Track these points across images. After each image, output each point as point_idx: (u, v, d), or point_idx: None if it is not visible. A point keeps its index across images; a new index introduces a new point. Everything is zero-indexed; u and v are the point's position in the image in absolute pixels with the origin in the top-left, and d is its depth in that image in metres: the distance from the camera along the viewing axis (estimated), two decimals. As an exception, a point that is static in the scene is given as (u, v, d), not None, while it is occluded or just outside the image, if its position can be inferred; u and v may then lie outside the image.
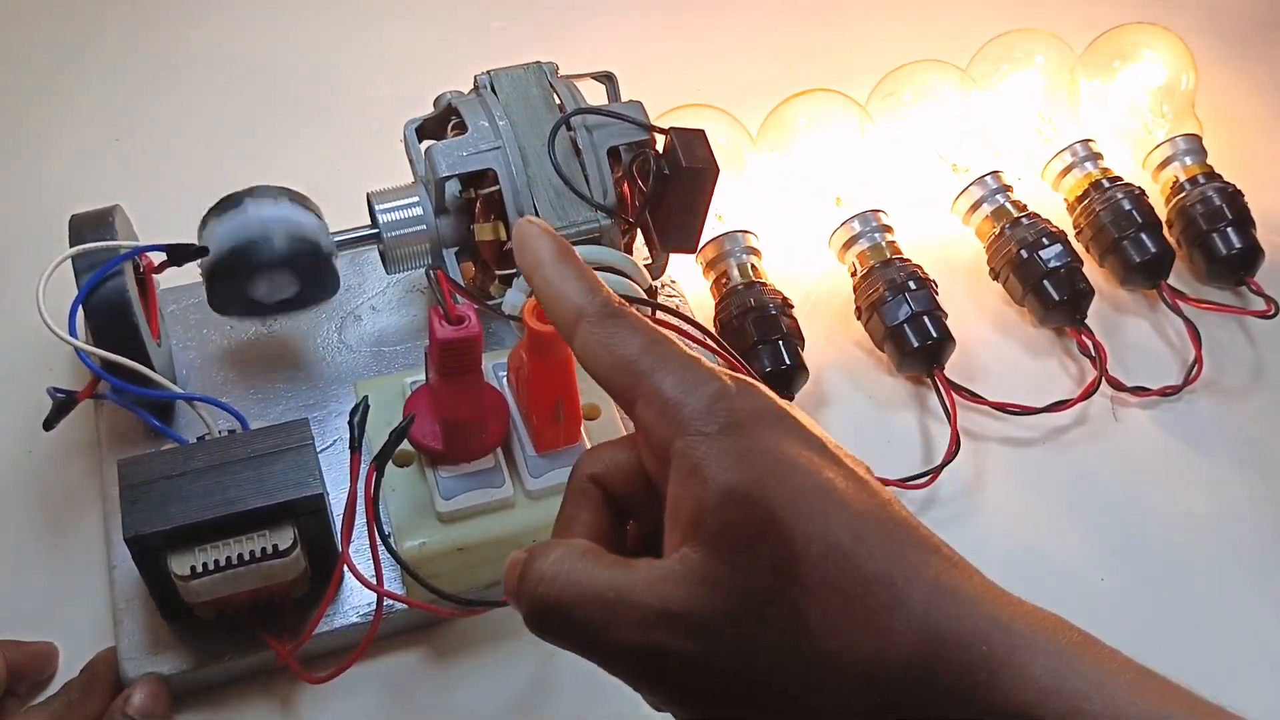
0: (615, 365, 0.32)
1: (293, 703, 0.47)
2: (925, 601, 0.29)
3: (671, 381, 0.31)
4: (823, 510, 0.30)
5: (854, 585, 0.29)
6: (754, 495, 0.29)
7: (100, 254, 0.47)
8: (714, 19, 0.79)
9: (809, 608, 0.29)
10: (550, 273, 0.34)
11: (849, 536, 0.29)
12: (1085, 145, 0.65)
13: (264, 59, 0.74)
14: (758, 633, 0.29)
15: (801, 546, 0.29)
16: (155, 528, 0.42)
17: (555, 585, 0.31)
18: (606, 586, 0.31)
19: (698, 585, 0.29)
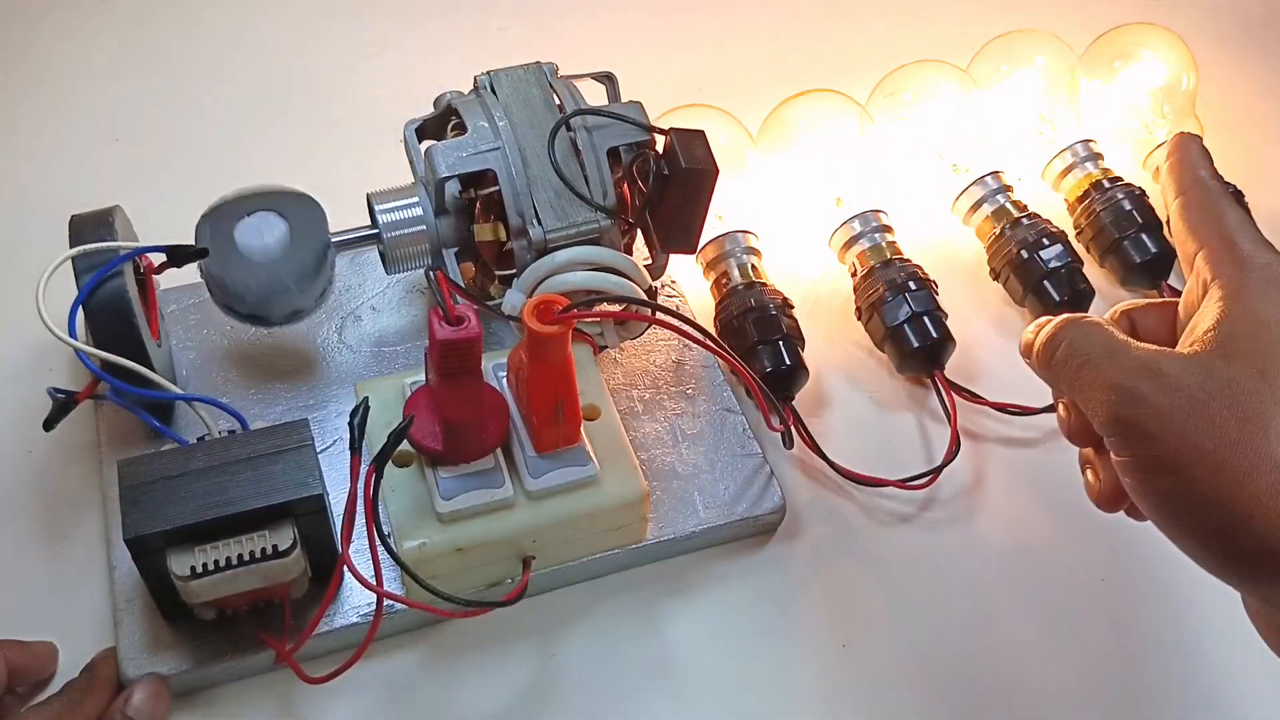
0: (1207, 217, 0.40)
1: (292, 703, 0.47)
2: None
3: (1247, 238, 0.39)
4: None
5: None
6: (1265, 320, 0.36)
7: (100, 255, 0.47)
8: (714, 19, 0.79)
9: (1276, 415, 0.34)
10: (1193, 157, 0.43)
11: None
12: (1086, 145, 0.65)
13: (264, 59, 0.74)
14: (1226, 414, 0.34)
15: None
16: (155, 528, 0.42)
17: (1077, 324, 0.39)
18: (1113, 340, 0.38)
19: (1190, 363, 0.36)
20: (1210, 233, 0.40)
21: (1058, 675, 0.50)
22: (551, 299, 0.44)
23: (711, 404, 0.56)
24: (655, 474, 0.52)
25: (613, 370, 0.56)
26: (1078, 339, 0.38)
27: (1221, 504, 0.34)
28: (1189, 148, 0.43)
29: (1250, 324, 0.36)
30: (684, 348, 0.58)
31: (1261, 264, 0.38)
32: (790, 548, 0.53)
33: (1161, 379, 0.35)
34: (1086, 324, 0.39)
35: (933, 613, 0.51)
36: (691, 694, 0.48)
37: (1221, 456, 0.34)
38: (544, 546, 0.48)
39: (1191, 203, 0.41)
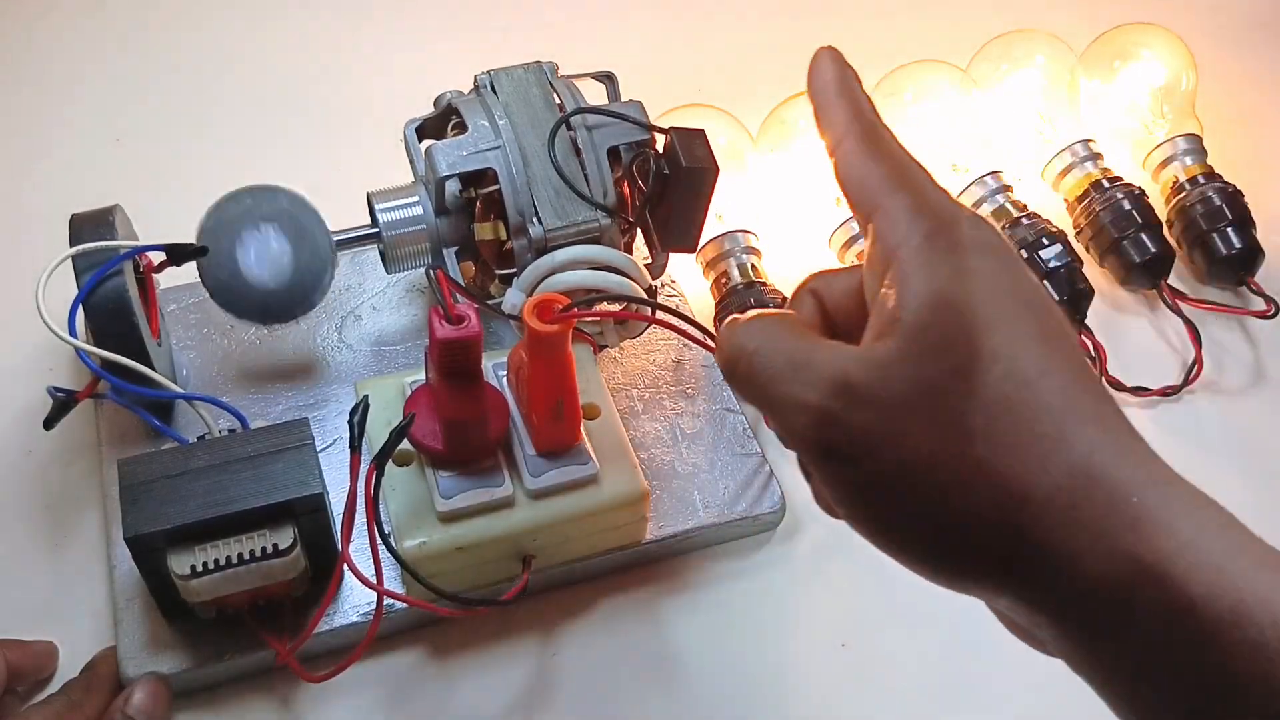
0: (862, 180, 0.34)
1: (293, 702, 0.47)
2: (1089, 443, 0.30)
3: (913, 199, 0.33)
4: (1018, 337, 0.31)
5: (1025, 409, 0.30)
6: (958, 305, 0.31)
7: (100, 254, 0.47)
8: (714, 19, 0.79)
9: (976, 414, 0.30)
10: (829, 92, 0.36)
11: (1035, 367, 0.31)
12: (1085, 145, 0.65)
13: (264, 59, 0.74)
14: (923, 423, 0.31)
15: (988, 360, 0.31)
16: (155, 527, 0.42)
17: (752, 335, 0.34)
18: (796, 348, 0.33)
19: (880, 368, 0.31)
20: (882, 186, 0.34)
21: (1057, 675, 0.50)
22: (551, 298, 0.44)
23: (711, 403, 0.56)
24: (655, 473, 0.52)
25: (613, 369, 0.56)
26: (760, 350, 0.34)
27: (930, 519, 0.31)
28: (830, 73, 0.37)
29: (940, 311, 0.31)
30: (684, 347, 0.58)
31: (944, 225, 0.33)
32: (790, 547, 0.53)
33: (851, 394, 0.31)
34: (766, 327, 0.34)
35: (931, 612, 0.51)
36: (691, 694, 0.48)
37: (923, 471, 0.31)
38: (544, 546, 0.48)
39: (853, 149, 0.35)
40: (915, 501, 0.31)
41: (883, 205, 0.33)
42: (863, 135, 0.35)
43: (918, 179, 0.34)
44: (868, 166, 0.34)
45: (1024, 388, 0.31)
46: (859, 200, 0.35)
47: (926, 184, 0.34)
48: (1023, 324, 0.31)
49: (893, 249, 0.33)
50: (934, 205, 0.33)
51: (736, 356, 0.34)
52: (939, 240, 0.32)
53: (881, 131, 0.35)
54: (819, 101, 0.37)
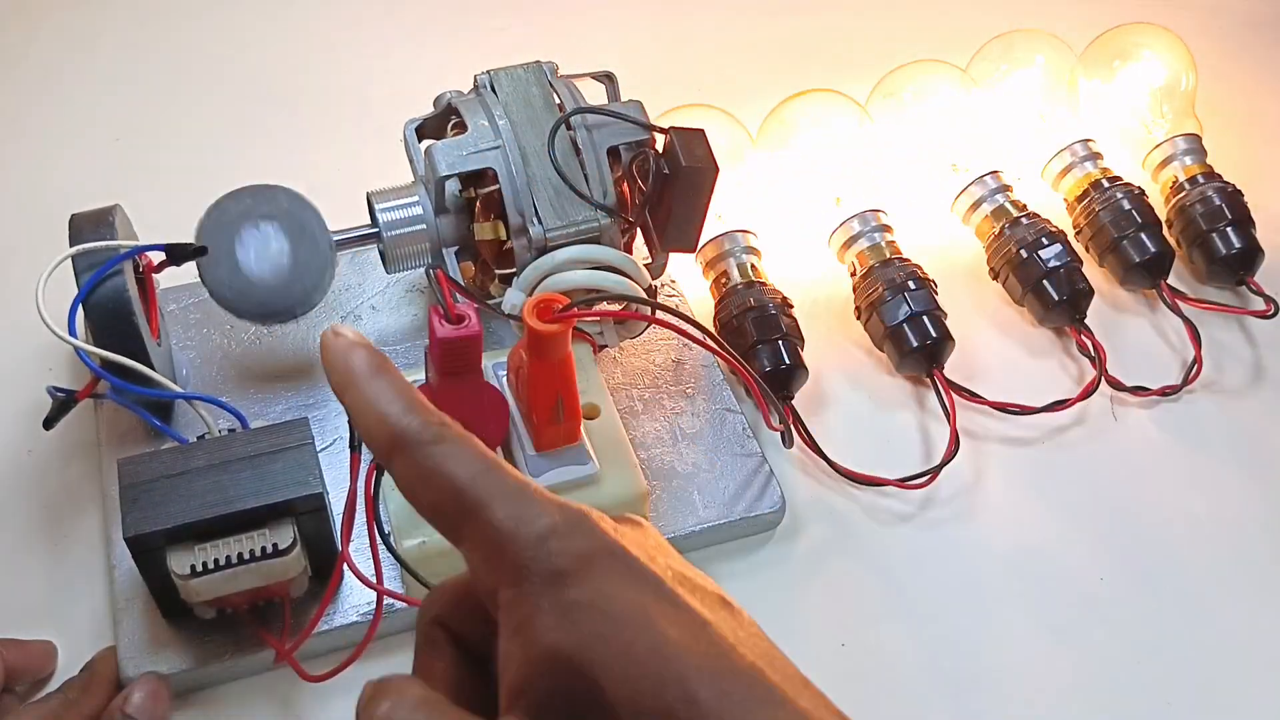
0: (434, 509, 0.29)
1: (292, 701, 0.47)
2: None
3: (496, 521, 0.28)
4: (653, 671, 0.27)
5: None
6: (576, 660, 0.27)
7: (100, 253, 0.47)
8: (714, 19, 0.79)
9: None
10: (354, 401, 0.31)
11: (681, 698, 0.26)
12: (1085, 145, 0.65)
13: (264, 59, 0.74)
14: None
15: (629, 715, 0.26)
16: (155, 527, 0.42)
17: (383, 692, 0.30)
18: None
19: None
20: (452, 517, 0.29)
21: (1057, 675, 0.50)
22: (551, 298, 0.44)
23: (711, 403, 0.56)
24: (655, 473, 0.52)
25: (613, 369, 0.56)
26: None
27: None
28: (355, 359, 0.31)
29: (555, 675, 0.27)
30: (684, 347, 0.57)
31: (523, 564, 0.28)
32: (790, 547, 0.53)
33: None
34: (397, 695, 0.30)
35: (932, 612, 0.51)
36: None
37: None
38: (544, 545, 0.48)
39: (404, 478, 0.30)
40: None
41: (466, 537, 0.29)
42: (418, 440, 0.30)
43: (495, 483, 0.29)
44: (431, 490, 0.29)
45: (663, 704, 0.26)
46: (442, 529, 0.30)
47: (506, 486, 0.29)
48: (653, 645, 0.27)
49: (492, 591, 0.29)
50: (518, 520, 0.28)
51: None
52: (535, 572, 0.28)
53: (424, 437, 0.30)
54: (348, 400, 0.31)
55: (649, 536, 0.31)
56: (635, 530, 0.31)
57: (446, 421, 0.30)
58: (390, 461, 0.30)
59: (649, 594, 0.28)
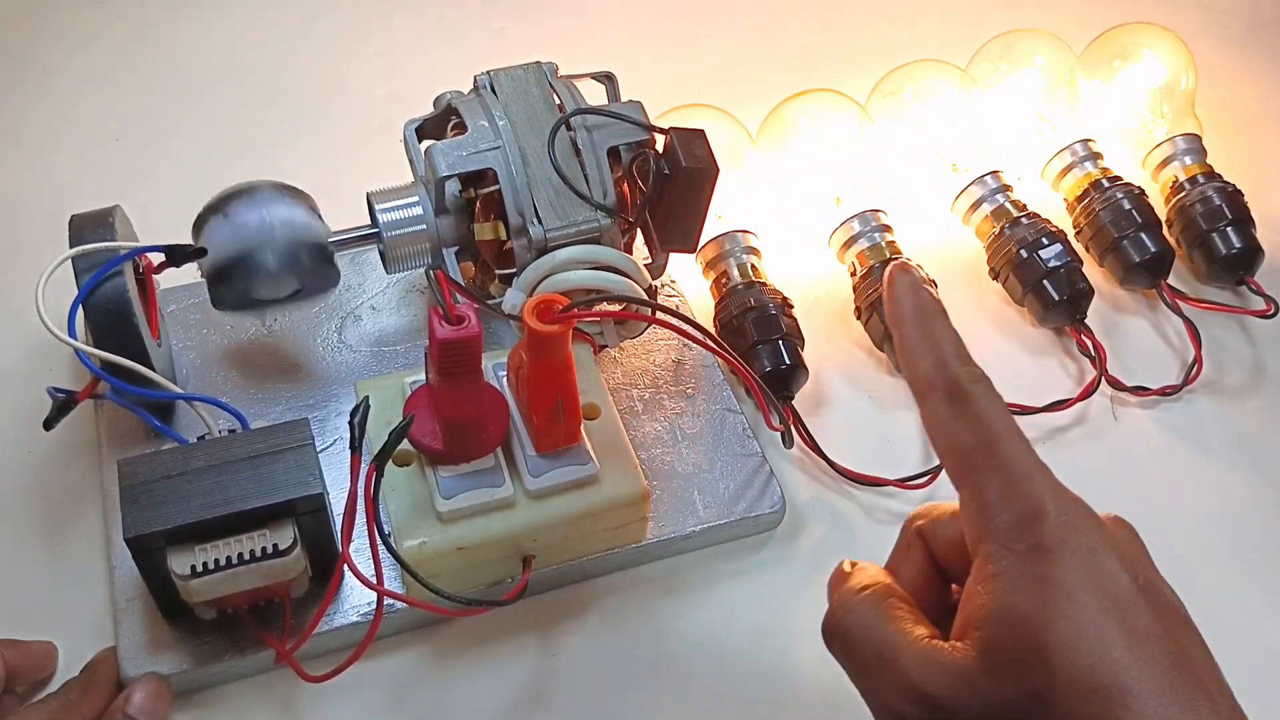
0: (949, 449, 0.34)
1: (293, 702, 0.47)
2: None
3: (996, 486, 0.32)
4: (1098, 655, 0.30)
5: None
6: (1032, 623, 0.31)
7: (100, 254, 0.47)
8: (714, 19, 0.79)
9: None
10: (910, 333, 0.35)
11: (1117, 685, 0.30)
12: (1085, 145, 0.65)
13: (264, 59, 0.74)
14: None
15: (1064, 684, 0.30)
16: (155, 527, 0.42)
17: (848, 617, 0.34)
18: (883, 642, 0.33)
19: (958, 680, 0.31)
20: (970, 459, 0.33)
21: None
22: (551, 298, 0.44)
23: (711, 403, 0.56)
24: (655, 473, 0.52)
25: (613, 370, 0.56)
26: (851, 633, 0.34)
27: None
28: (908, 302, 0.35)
29: (1014, 629, 0.31)
30: (684, 347, 0.57)
31: (1027, 519, 0.32)
32: (790, 548, 0.53)
33: (928, 704, 0.32)
34: (862, 607, 0.34)
35: (933, 612, 0.51)
36: (691, 694, 0.48)
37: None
38: (544, 546, 0.48)
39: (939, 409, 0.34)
40: None
41: (969, 484, 0.33)
42: (949, 393, 0.34)
43: (1010, 453, 0.33)
44: (955, 433, 0.34)
45: (1106, 707, 0.30)
46: (949, 467, 0.34)
47: (1018, 458, 0.33)
48: (1106, 632, 0.30)
49: (976, 539, 0.33)
50: (1020, 491, 0.32)
51: (832, 632, 0.35)
52: (1020, 539, 0.32)
53: (969, 387, 0.34)
54: (900, 336, 0.35)
55: (1131, 542, 0.34)
56: (1121, 530, 0.34)
57: (987, 379, 0.34)
58: (925, 398, 0.34)
59: (1115, 590, 0.31)
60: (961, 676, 0.31)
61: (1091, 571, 0.31)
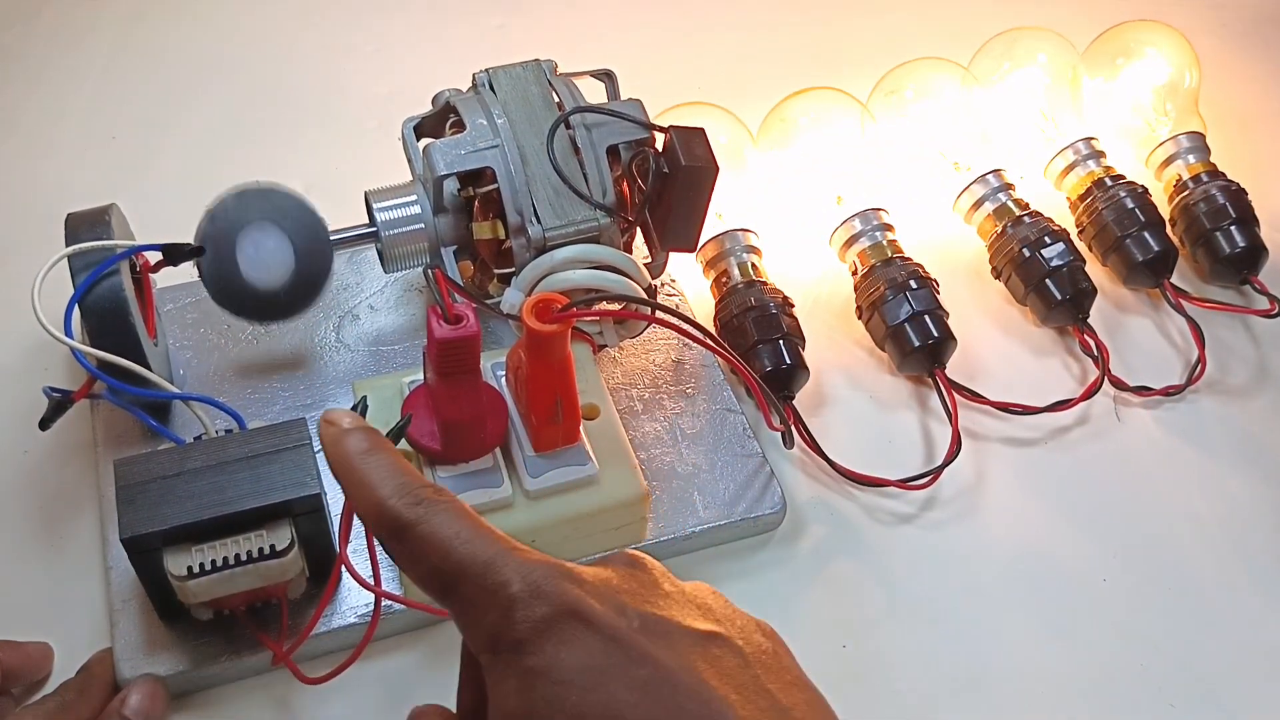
0: (420, 581, 0.32)
1: (290, 703, 0.47)
2: None
3: (468, 598, 0.31)
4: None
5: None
6: None
7: (96, 253, 0.47)
8: (714, 18, 0.79)
9: None
10: (345, 488, 0.34)
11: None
12: (1088, 143, 0.64)
13: (262, 57, 0.74)
14: None
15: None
16: (152, 528, 0.42)
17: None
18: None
19: None
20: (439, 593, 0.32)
21: (1060, 676, 0.50)
22: (550, 297, 0.44)
23: (711, 403, 0.55)
24: (655, 474, 0.52)
25: (612, 369, 0.56)
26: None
27: None
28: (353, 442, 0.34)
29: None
30: (684, 347, 0.57)
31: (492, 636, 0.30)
32: (790, 548, 0.53)
33: None
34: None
35: (933, 613, 0.51)
36: (691, 695, 0.48)
37: None
38: (543, 546, 0.47)
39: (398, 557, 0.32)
40: None
41: (451, 606, 0.32)
42: (391, 532, 0.32)
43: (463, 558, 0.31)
44: (414, 566, 0.32)
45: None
46: (432, 597, 0.32)
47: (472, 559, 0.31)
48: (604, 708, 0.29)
49: (478, 654, 0.31)
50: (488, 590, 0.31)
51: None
52: (503, 642, 0.30)
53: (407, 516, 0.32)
54: (341, 482, 0.34)
55: (632, 578, 0.32)
56: (620, 572, 0.33)
57: (429, 499, 0.32)
58: (384, 544, 0.33)
59: (605, 653, 0.30)
60: None
61: (576, 640, 0.30)
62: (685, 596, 0.33)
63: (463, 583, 0.31)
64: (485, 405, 0.47)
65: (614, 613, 0.31)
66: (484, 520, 0.33)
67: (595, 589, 0.31)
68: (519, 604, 0.30)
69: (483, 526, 0.32)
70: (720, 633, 0.32)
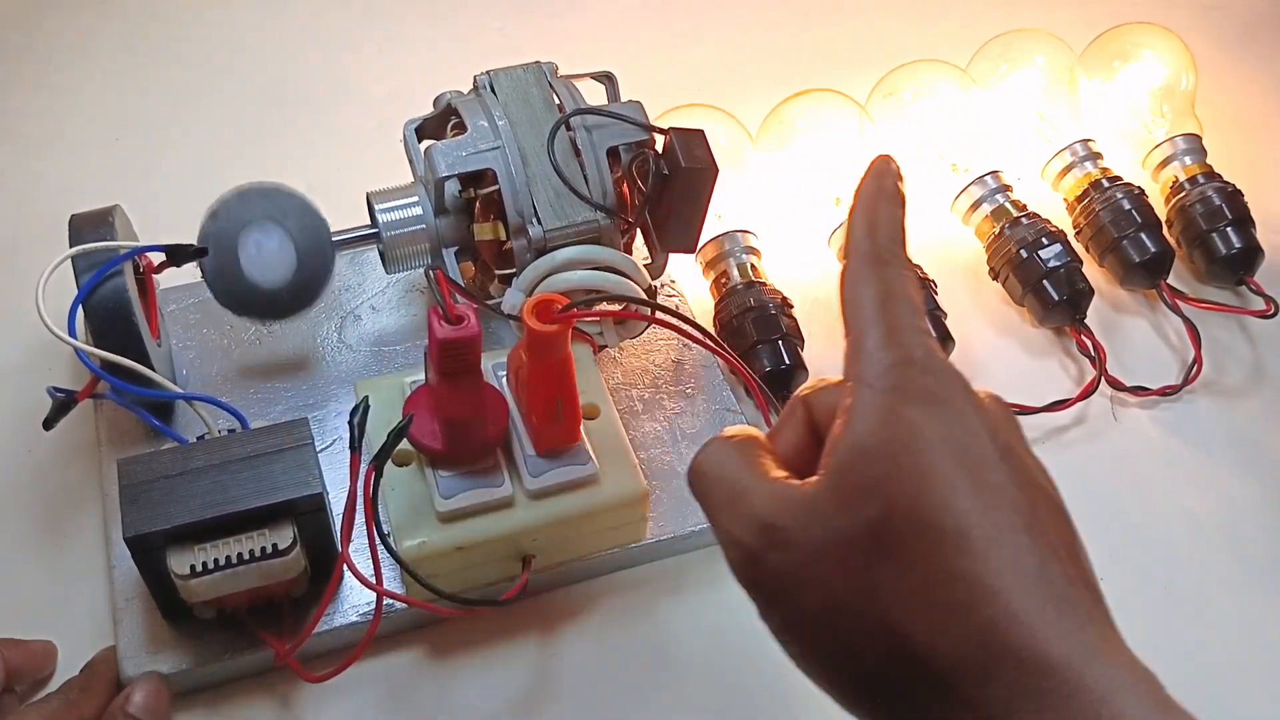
0: (849, 301, 0.35)
1: (292, 702, 0.47)
2: (1006, 613, 0.29)
3: (876, 335, 0.33)
4: (940, 498, 0.30)
5: (937, 573, 0.30)
6: (880, 455, 0.31)
7: (100, 254, 0.47)
8: (714, 19, 0.79)
9: (885, 571, 0.30)
10: (861, 206, 0.36)
11: (955, 529, 0.30)
12: (1085, 145, 0.65)
13: (264, 58, 0.74)
14: (833, 573, 0.31)
15: (901, 518, 0.30)
16: (155, 527, 0.42)
17: (709, 459, 0.36)
18: (737, 480, 0.34)
19: (802, 509, 0.32)
20: (864, 312, 0.34)
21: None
22: (551, 298, 0.44)
23: (711, 403, 0.56)
24: (655, 473, 0.52)
25: (612, 369, 0.56)
26: (708, 475, 0.35)
27: (842, 666, 0.32)
28: (872, 183, 0.37)
29: (862, 458, 0.31)
30: (684, 347, 0.57)
31: (898, 366, 0.32)
32: (790, 547, 0.53)
33: (773, 535, 0.32)
34: (721, 452, 0.36)
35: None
36: (691, 693, 0.48)
37: (829, 621, 0.32)
38: (544, 546, 0.48)
39: (854, 267, 0.35)
40: (826, 647, 0.32)
41: (854, 332, 0.34)
42: (867, 255, 0.35)
43: (899, 313, 0.34)
44: (859, 288, 0.35)
45: (937, 547, 0.30)
46: (846, 319, 0.35)
47: (906, 319, 0.34)
48: (952, 478, 0.31)
49: (850, 380, 0.33)
50: (901, 343, 0.33)
51: (693, 478, 0.36)
52: (884, 380, 0.32)
53: (887, 255, 0.35)
54: (854, 204, 0.37)
55: (1001, 416, 0.34)
56: (993, 404, 0.35)
57: (910, 263, 0.35)
58: (849, 258, 0.35)
59: (967, 443, 0.32)
60: (805, 506, 0.32)
61: (948, 423, 0.32)
62: (1038, 466, 0.34)
63: (885, 324, 0.33)
64: (486, 405, 0.48)
65: (988, 429, 0.32)
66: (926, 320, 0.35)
67: (980, 406, 0.33)
68: (914, 365, 0.33)
69: (923, 319, 0.35)
70: (1060, 506, 0.33)
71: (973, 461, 0.31)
